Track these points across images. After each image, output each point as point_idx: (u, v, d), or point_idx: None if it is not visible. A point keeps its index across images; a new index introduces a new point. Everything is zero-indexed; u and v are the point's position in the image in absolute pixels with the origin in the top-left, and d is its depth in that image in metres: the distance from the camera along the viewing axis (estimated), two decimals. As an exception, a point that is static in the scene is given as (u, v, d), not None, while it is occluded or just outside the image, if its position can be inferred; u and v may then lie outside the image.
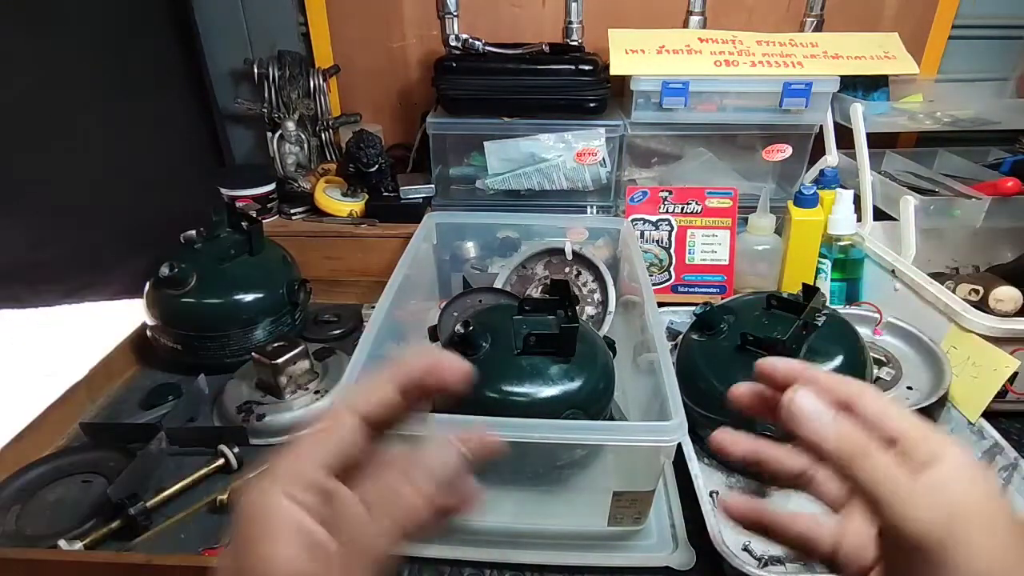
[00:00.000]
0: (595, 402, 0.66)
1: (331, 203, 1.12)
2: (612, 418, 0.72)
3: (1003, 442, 0.69)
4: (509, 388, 0.63)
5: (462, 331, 0.65)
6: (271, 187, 1.13)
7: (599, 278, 0.93)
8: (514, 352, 0.65)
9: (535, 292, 0.95)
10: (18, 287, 1.08)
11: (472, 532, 0.63)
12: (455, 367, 0.30)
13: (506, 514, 0.65)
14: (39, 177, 1.05)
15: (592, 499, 0.63)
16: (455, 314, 0.87)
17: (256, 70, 1.17)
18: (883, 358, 0.83)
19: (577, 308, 0.74)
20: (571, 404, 0.63)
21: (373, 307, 0.73)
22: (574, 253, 0.95)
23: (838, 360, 0.67)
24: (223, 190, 1.11)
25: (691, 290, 1.04)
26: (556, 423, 0.58)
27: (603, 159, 1.07)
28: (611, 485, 0.61)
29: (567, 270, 0.96)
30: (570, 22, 1.19)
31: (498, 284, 0.95)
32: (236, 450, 0.72)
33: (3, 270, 1.06)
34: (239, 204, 1.08)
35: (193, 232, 0.92)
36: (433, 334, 0.86)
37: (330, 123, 1.24)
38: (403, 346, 0.86)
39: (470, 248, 1.02)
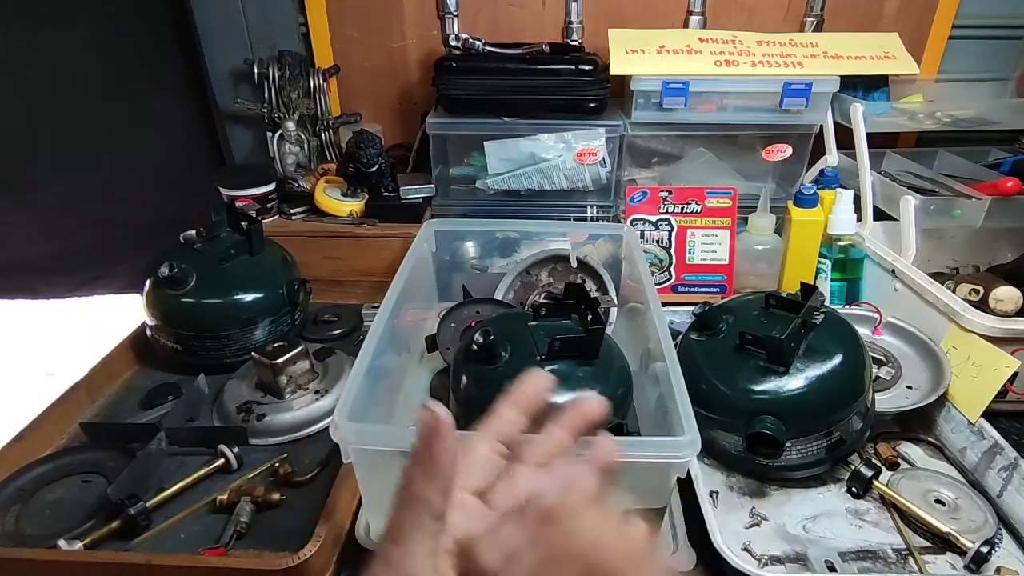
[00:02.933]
0: (621, 403, 0.66)
1: (331, 203, 1.12)
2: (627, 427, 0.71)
3: (1003, 442, 0.69)
4: None
5: (481, 340, 0.63)
6: (271, 187, 1.13)
7: (603, 287, 0.93)
8: (536, 358, 0.64)
9: (539, 299, 0.95)
10: (32, 277, 1.09)
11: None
12: (593, 401, 0.37)
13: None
14: (47, 175, 1.06)
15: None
16: (452, 325, 0.87)
17: (256, 70, 1.17)
18: (883, 358, 0.83)
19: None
20: None
21: (373, 307, 0.73)
22: (578, 260, 0.95)
23: (837, 359, 0.67)
24: (223, 190, 1.11)
25: (691, 290, 1.04)
26: None
27: (603, 159, 1.07)
28: (621, 502, 0.60)
29: (571, 278, 0.96)
30: (570, 22, 1.19)
31: (501, 289, 0.95)
32: (236, 450, 0.72)
33: (18, 261, 1.06)
34: (239, 204, 1.08)
35: (193, 232, 0.92)
36: (431, 344, 0.86)
37: (330, 123, 1.24)
38: (404, 356, 0.86)
39: (469, 247, 1.02)
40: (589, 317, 0.66)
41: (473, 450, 0.33)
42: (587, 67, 1.05)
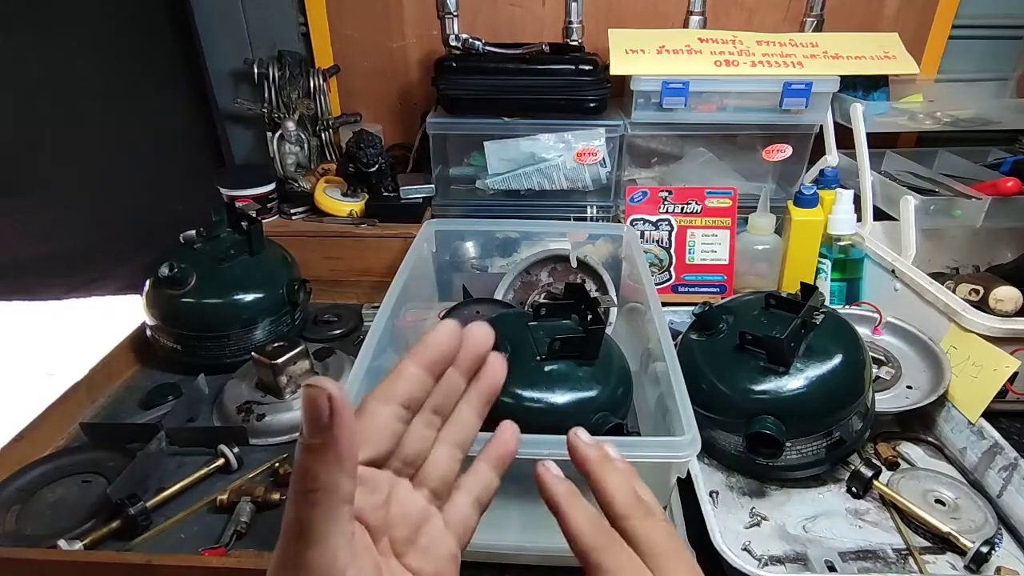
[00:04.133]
0: (621, 403, 0.66)
1: (331, 203, 1.12)
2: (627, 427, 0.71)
3: (1003, 442, 0.69)
4: (538, 396, 0.62)
5: None
6: (271, 187, 1.13)
7: (603, 287, 0.93)
8: (536, 358, 0.64)
9: (539, 299, 0.95)
10: (30, 279, 1.09)
11: (476, 549, 0.62)
12: (481, 331, 0.33)
13: (511, 531, 0.63)
14: (47, 175, 1.06)
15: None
16: None
17: (256, 70, 1.17)
18: (883, 357, 0.83)
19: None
20: (600, 407, 0.62)
21: (373, 307, 0.73)
22: (578, 260, 0.95)
23: (837, 359, 0.67)
24: (223, 190, 1.11)
25: (691, 290, 1.04)
26: (562, 439, 0.56)
27: (603, 159, 1.07)
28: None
29: (571, 278, 0.96)
30: (570, 22, 1.18)
31: (501, 289, 0.95)
32: (236, 450, 0.72)
33: (16, 263, 1.06)
34: (239, 204, 1.08)
35: (193, 232, 0.92)
36: None
37: (330, 123, 1.24)
38: (404, 356, 0.85)
39: (469, 248, 1.02)
40: (589, 317, 0.66)
41: (369, 415, 0.30)
42: (587, 67, 1.05)
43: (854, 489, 0.70)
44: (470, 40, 1.09)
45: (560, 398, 0.62)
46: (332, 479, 0.25)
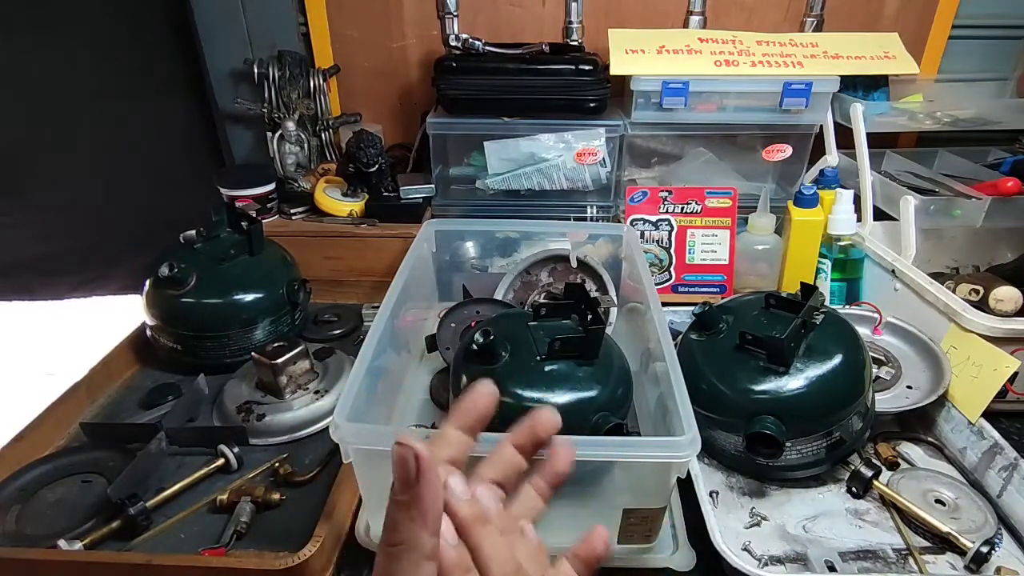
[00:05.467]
0: (621, 403, 0.65)
1: (331, 203, 1.12)
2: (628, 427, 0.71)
3: (1003, 442, 0.69)
4: (539, 396, 0.61)
5: (481, 340, 0.62)
6: (271, 187, 1.13)
7: (603, 287, 0.93)
8: (536, 358, 0.64)
9: (539, 299, 0.95)
10: (31, 279, 1.09)
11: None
12: (485, 395, 0.35)
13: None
14: (47, 175, 1.06)
15: (601, 516, 0.61)
16: (452, 325, 0.87)
17: (256, 70, 1.17)
18: (883, 357, 0.83)
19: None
20: (600, 407, 0.62)
21: (373, 307, 0.73)
22: (578, 260, 0.95)
23: (837, 359, 0.67)
24: (223, 190, 1.11)
25: (691, 290, 1.04)
26: (562, 439, 0.55)
27: (603, 159, 1.07)
28: (621, 502, 0.60)
29: (571, 278, 0.96)
30: (570, 22, 1.19)
31: (501, 289, 0.95)
32: (236, 450, 0.72)
33: (16, 262, 1.07)
34: (239, 204, 1.08)
35: (193, 232, 0.92)
36: (431, 343, 0.86)
37: (330, 123, 1.24)
38: (404, 356, 0.86)
39: (469, 247, 1.02)
40: (589, 317, 0.66)
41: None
42: (587, 67, 1.05)
43: (854, 489, 0.70)
44: (470, 40, 1.09)
45: (560, 398, 0.62)
46: (415, 535, 0.26)
